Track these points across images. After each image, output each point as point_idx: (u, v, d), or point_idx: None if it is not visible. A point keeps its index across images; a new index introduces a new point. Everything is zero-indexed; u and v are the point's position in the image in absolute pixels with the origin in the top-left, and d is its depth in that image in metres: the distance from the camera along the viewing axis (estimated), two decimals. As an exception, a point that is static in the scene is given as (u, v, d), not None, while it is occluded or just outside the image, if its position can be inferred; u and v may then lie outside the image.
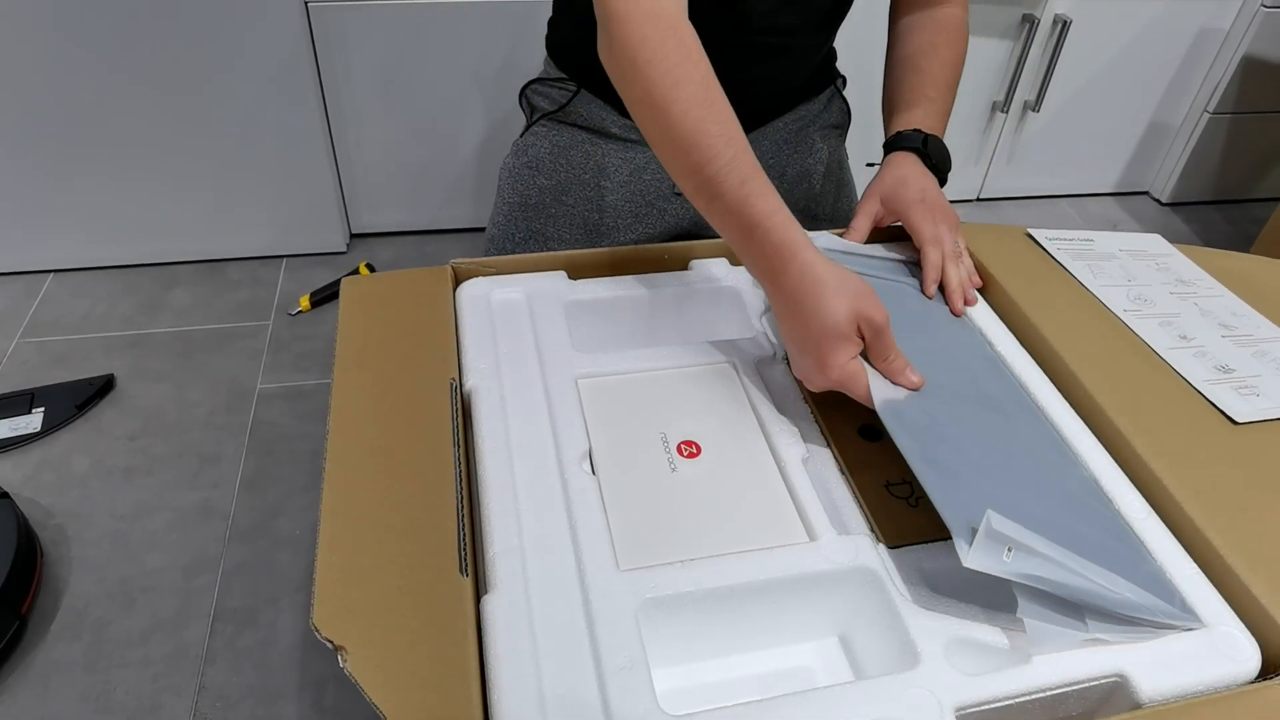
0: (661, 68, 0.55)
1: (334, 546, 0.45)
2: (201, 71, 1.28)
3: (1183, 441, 0.55)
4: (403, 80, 1.38)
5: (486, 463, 0.51)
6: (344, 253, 1.52)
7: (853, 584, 0.47)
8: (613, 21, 0.56)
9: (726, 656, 0.47)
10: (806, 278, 0.52)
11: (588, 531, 0.47)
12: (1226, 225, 1.77)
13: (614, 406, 0.56)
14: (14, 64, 1.23)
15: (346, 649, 0.40)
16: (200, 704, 0.88)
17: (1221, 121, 1.69)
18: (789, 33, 0.79)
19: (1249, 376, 0.61)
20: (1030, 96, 1.62)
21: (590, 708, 0.40)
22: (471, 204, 1.56)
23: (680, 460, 0.53)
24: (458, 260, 0.66)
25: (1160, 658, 0.43)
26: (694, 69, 0.55)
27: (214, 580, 0.99)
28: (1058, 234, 0.74)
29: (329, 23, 1.31)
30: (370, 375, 0.56)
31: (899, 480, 0.53)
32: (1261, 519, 0.50)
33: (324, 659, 0.92)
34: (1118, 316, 0.65)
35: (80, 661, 0.90)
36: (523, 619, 0.43)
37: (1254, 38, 1.58)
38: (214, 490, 1.09)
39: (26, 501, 1.05)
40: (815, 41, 0.83)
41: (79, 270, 1.44)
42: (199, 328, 1.34)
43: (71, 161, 1.33)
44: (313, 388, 1.25)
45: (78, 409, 1.18)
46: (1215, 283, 0.71)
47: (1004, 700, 0.41)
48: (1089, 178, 1.80)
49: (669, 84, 0.54)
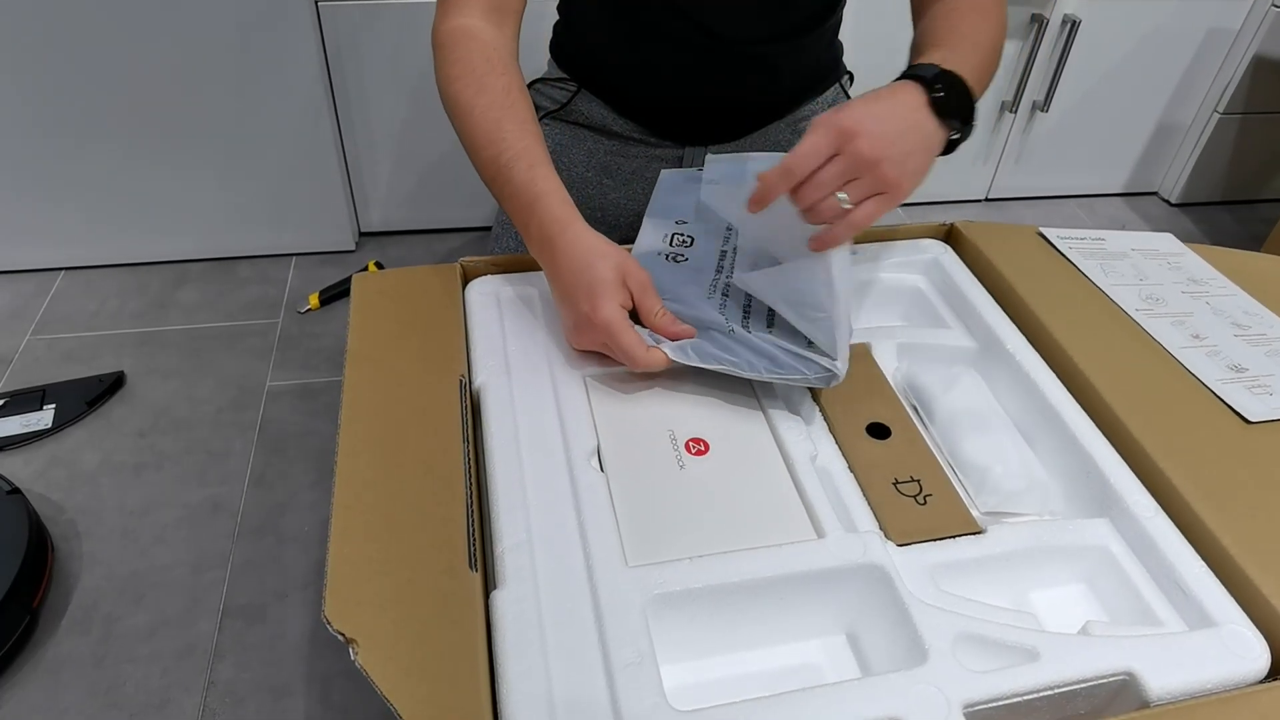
0: (468, 80, 0.64)
1: (345, 540, 0.46)
2: (211, 71, 1.29)
3: (1194, 440, 0.55)
4: (411, 79, 1.38)
5: (495, 459, 0.51)
6: (353, 251, 1.53)
7: (860, 581, 0.47)
8: (436, 49, 0.67)
9: (734, 652, 0.47)
10: (578, 243, 0.58)
11: (596, 527, 0.47)
12: (1236, 225, 1.76)
13: (622, 404, 0.57)
14: (24, 63, 1.24)
15: (358, 642, 0.41)
16: (209, 699, 0.88)
17: (1231, 122, 1.68)
18: (767, 41, 0.79)
19: (1262, 375, 0.60)
20: (1039, 96, 1.62)
21: (598, 703, 0.40)
22: (479, 203, 1.56)
23: (688, 457, 0.53)
24: (466, 258, 0.66)
25: (1169, 656, 0.43)
26: (497, 80, 0.64)
27: (223, 576, 0.99)
28: (1070, 233, 0.74)
29: (339, 22, 1.31)
30: (381, 371, 0.56)
31: (907, 478, 0.53)
32: (1273, 518, 0.50)
33: (332, 655, 0.92)
34: (1129, 315, 0.65)
35: (90, 656, 0.91)
36: (531, 614, 0.43)
37: (1264, 38, 1.57)
38: (223, 487, 1.09)
39: (37, 497, 1.06)
40: (799, 46, 0.82)
41: (89, 268, 1.45)
42: (208, 325, 1.35)
43: (81, 160, 1.34)
44: (322, 385, 1.25)
45: (88, 406, 1.18)
46: (1228, 282, 0.71)
47: (1012, 698, 0.41)
48: (1098, 178, 1.79)
49: (473, 92, 0.64)
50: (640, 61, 0.82)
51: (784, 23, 0.78)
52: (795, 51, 0.82)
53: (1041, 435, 0.57)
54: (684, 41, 0.78)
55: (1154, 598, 0.48)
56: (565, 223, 0.58)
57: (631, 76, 0.84)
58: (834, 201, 0.55)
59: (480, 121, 0.63)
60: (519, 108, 0.63)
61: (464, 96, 0.64)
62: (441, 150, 1.48)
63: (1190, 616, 0.46)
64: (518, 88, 0.65)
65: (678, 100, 0.84)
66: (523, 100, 0.64)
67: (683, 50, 0.79)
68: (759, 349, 0.56)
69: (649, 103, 0.86)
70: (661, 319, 0.58)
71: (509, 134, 0.61)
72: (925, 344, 0.63)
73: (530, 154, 0.61)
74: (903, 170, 0.54)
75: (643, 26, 0.78)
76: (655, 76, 0.82)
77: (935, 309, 0.68)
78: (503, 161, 0.61)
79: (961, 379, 0.62)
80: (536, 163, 0.61)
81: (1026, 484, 0.54)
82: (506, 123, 0.62)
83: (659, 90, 0.84)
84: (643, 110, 0.86)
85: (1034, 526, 0.51)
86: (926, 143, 0.57)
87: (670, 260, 0.65)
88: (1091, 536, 0.50)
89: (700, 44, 0.77)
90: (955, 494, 0.52)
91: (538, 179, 0.60)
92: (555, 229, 0.58)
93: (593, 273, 0.56)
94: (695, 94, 0.83)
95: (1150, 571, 0.49)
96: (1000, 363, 0.62)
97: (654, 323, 0.58)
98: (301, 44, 1.29)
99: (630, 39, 0.80)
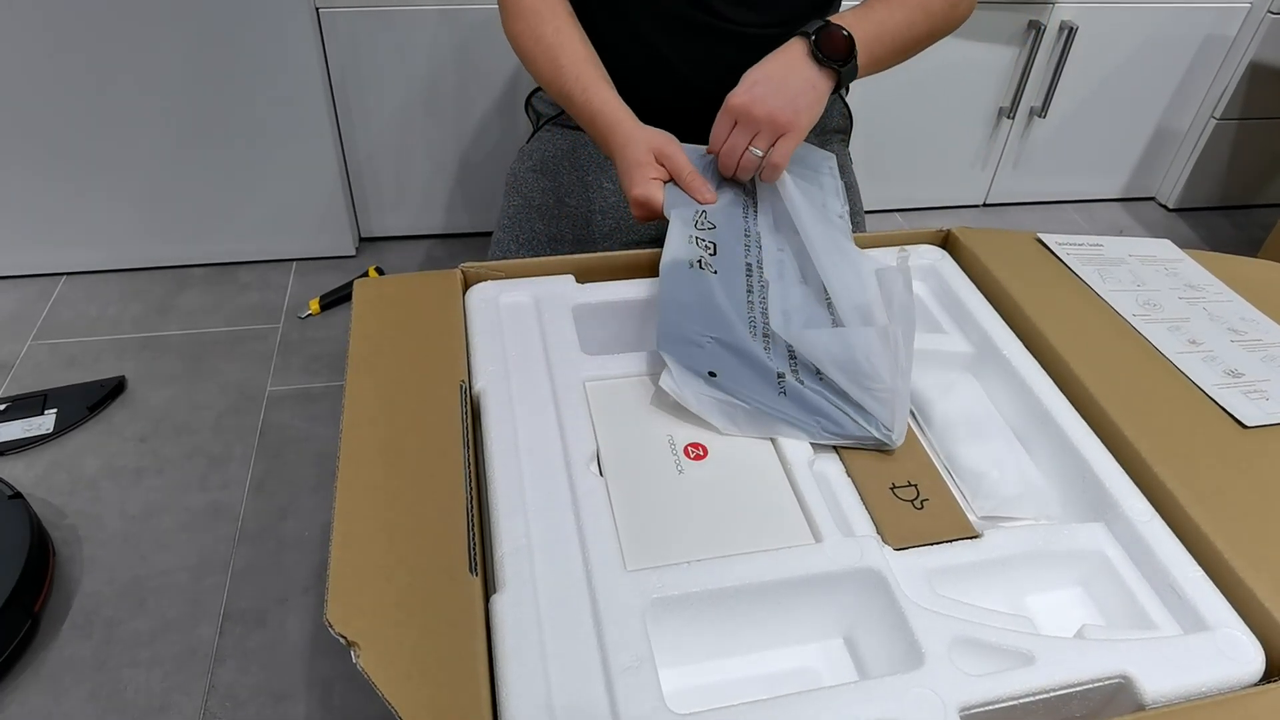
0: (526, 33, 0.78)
1: (347, 544, 0.46)
2: (213, 76, 1.30)
3: (1190, 445, 0.55)
4: (412, 85, 1.39)
5: (495, 463, 0.51)
6: (353, 256, 1.53)
7: (857, 585, 0.47)
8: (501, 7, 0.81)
9: (732, 657, 0.47)
10: (629, 139, 0.71)
11: (595, 532, 0.48)
12: (1233, 231, 1.77)
13: (621, 409, 0.57)
14: (25, 69, 1.25)
15: (359, 645, 0.41)
16: (209, 703, 0.88)
17: (1228, 127, 1.69)
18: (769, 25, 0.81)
19: (1259, 381, 0.61)
20: (1037, 102, 1.63)
21: (597, 706, 0.40)
22: (479, 209, 1.57)
23: (687, 462, 0.53)
24: (467, 264, 0.67)
25: (1165, 660, 0.43)
26: (546, 25, 0.77)
27: (223, 581, 0.99)
28: (1067, 239, 0.74)
29: (339, 28, 1.32)
30: (382, 376, 0.57)
31: (904, 483, 0.53)
32: (1268, 523, 0.50)
33: (332, 659, 0.92)
34: (1127, 321, 0.65)
35: (91, 660, 0.91)
36: (531, 618, 0.43)
37: (1260, 44, 1.58)
38: (224, 492, 1.10)
39: (39, 501, 1.06)
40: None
41: (91, 273, 1.45)
42: (209, 330, 1.35)
43: (83, 166, 1.34)
44: (322, 390, 1.26)
45: (89, 410, 1.19)
46: (1225, 288, 0.71)
47: (1008, 701, 0.42)
48: (1095, 183, 1.80)
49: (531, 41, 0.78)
50: (643, 54, 0.83)
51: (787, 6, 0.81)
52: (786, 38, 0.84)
53: (1038, 440, 0.58)
54: (687, 23, 0.80)
55: (1149, 601, 0.48)
56: (616, 123, 0.71)
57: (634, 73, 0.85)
58: (750, 156, 0.69)
59: (544, 66, 0.76)
60: (568, 46, 0.76)
61: (524, 44, 0.78)
62: (442, 155, 1.48)
63: (1185, 620, 0.47)
64: (566, 26, 0.77)
65: (679, 96, 0.85)
66: (570, 35, 0.76)
67: (686, 35, 0.81)
68: (813, 405, 0.55)
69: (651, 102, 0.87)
70: (691, 182, 0.69)
71: (565, 70, 0.75)
72: (922, 349, 0.64)
73: (583, 78, 0.74)
74: (794, 111, 0.68)
75: (647, 13, 0.81)
76: (658, 70, 0.83)
77: (932, 314, 0.68)
78: (565, 91, 0.75)
79: (958, 384, 0.62)
80: (589, 84, 0.73)
81: (1023, 489, 0.55)
82: (561, 56, 0.75)
83: (661, 87, 0.84)
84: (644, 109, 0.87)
85: (1030, 531, 0.51)
86: (811, 83, 0.70)
87: (700, 269, 0.63)
88: (1087, 541, 0.51)
89: (702, 25, 0.81)
90: (952, 499, 0.53)
91: (591, 97, 0.73)
92: (609, 132, 0.72)
93: (626, 156, 0.70)
94: (697, 85, 0.84)
95: (1146, 575, 0.49)
96: (997, 368, 0.62)
97: (684, 183, 0.69)
98: (302, 50, 1.30)
99: (634, 27, 0.82)
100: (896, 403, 0.55)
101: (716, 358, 0.57)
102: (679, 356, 0.57)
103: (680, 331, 0.58)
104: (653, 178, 0.68)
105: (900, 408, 0.55)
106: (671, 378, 0.56)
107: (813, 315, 0.62)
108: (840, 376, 0.56)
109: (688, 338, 0.58)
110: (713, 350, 0.58)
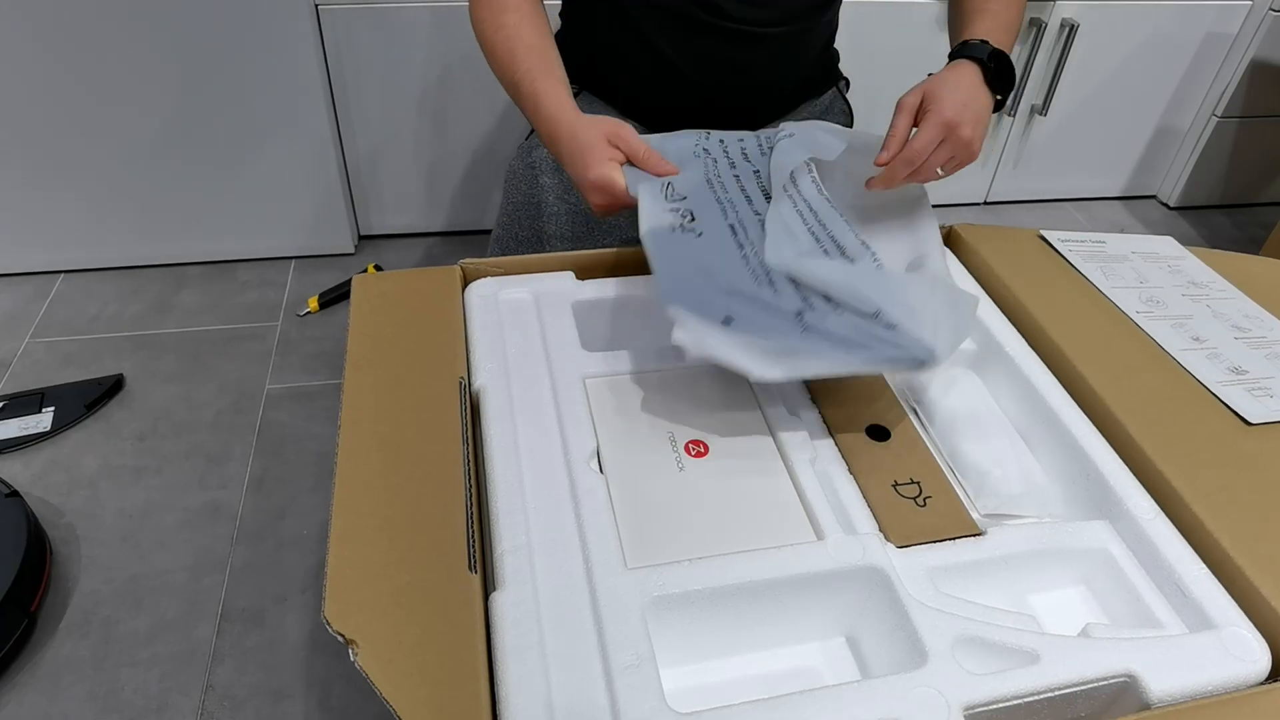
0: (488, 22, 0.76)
1: (345, 542, 0.46)
2: (211, 73, 1.29)
3: (1194, 443, 0.55)
4: (411, 83, 1.39)
5: (495, 461, 0.51)
6: (352, 254, 1.53)
7: (860, 583, 0.47)
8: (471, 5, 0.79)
9: (733, 655, 0.47)
10: (576, 126, 0.69)
11: (595, 530, 0.47)
12: (1234, 229, 1.76)
13: (621, 406, 0.57)
14: (22, 65, 1.24)
15: (357, 643, 0.41)
16: (207, 703, 0.88)
17: (1229, 125, 1.68)
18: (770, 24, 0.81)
19: (1262, 378, 0.60)
20: (1037, 100, 1.62)
21: (597, 705, 0.40)
22: (479, 207, 1.56)
23: (688, 459, 0.53)
24: (466, 260, 0.67)
25: (1169, 658, 0.43)
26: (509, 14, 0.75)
27: (222, 580, 0.99)
28: (1070, 236, 0.74)
29: (338, 25, 1.32)
30: (381, 373, 0.56)
31: (906, 480, 0.53)
32: (1272, 520, 0.50)
33: (330, 659, 0.92)
34: (1130, 318, 0.65)
35: (88, 660, 0.91)
36: (530, 616, 0.43)
37: (1262, 42, 1.58)
38: (222, 490, 1.09)
39: (36, 500, 1.06)
40: (799, 34, 0.84)
41: (88, 271, 1.45)
42: (208, 329, 1.35)
43: (81, 163, 1.34)
44: (320, 389, 1.25)
45: (87, 409, 1.18)
46: (1228, 285, 0.71)
47: (1012, 700, 0.41)
48: (1096, 182, 1.80)
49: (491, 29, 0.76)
50: (645, 52, 0.83)
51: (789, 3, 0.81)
52: (796, 40, 0.84)
53: (1041, 437, 0.57)
54: (689, 21, 0.80)
55: (1154, 600, 0.47)
56: (561, 115, 0.69)
57: (635, 72, 0.85)
58: (932, 172, 0.67)
59: (499, 50, 0.75)
60: (526, 36, 0.74)
61: (485, 31, 0.76)
62: (441, 152, 1.48)
63: (1190, 619, 0.46)
64: (530, 17, 0.76)
65: (681, 94, 0.84)
66: (530, 28, 0.75)
67: (688, 32, 0.81)
68: (838, 336, 0.52)
69: (652, 100, 0.86)
70: (649, 158, 0.67)
71: (519, 58, 0.73)
72: None
73: (533, 70, 0.72)
74: (980, 140, 0.68)
75: (648, 10, 0.80)
76: (660, 67, 0.83)
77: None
78: (514, 77, 0.73)
79: (961, 381, 0.62)
80: (539, 76, 0.72)
81: (1026, 486, 0.54)
82: (518, 50, 0.74)
83: (662, 84, 0.84)
84: (645, 108, 0.87)
85: (1034, 529, 0.51)
86: (988, 111, 0.70)
87: (683, 232, 0.61)
88: (1091, 539, 0.50)
89: (705, 23, 0.80)
90: (955, 496, 0.52)
91: (540, 89, 0.71)
92: (554, 122, 0.69)
93: (577, 141, 0.67)
94: (699, 84, 0.83)
95: (1150, 574, 0.49)
96: (1000, 365, 0.62)
97: (643, 163, 0.67)
98: (301, 47, 1.29)
99: (636, 25, 0.82)
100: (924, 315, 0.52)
101: (729, 305, 0.54)
102: (690, 306, 0.53)
103: (685, 285, 0.55)
104: (609, 159, 0.66)
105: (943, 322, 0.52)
106: (686, 330, 0.52)
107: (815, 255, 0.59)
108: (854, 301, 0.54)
109: (694, 289, 0.55)
110: (723, 300, 0.55)
